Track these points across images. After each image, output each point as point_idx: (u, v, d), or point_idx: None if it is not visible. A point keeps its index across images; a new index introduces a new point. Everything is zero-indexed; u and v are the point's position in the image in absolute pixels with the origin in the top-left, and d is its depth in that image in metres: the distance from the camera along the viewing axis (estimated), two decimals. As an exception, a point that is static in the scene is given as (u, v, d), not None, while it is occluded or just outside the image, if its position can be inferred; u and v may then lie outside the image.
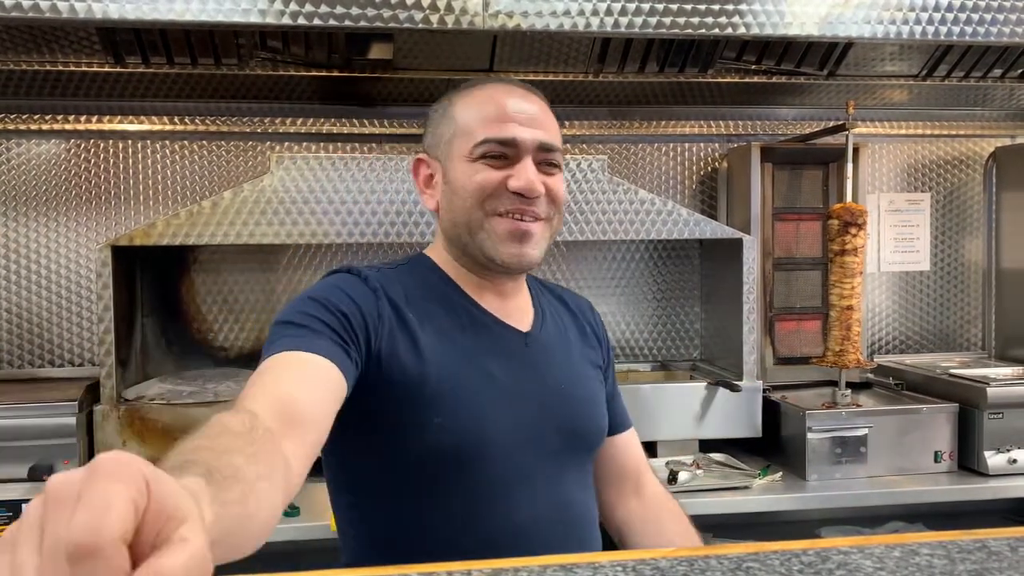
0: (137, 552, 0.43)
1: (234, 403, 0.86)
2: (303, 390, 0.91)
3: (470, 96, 1.17)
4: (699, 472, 2.04)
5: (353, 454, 1.13)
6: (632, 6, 1.81)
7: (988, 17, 1.93)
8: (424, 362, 1.08)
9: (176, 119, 2.39)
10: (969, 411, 2.12)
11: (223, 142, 2.43)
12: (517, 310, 1.22)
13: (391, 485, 1.11)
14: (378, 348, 1.06)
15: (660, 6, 1.81)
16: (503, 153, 1.12)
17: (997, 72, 2.38)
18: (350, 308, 1.05)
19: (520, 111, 1.13)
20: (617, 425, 1.33)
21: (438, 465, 1.08)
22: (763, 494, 1.98)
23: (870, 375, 2.46)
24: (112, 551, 0.41)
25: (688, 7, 1.82)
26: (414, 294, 1.14)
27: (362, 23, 1.73)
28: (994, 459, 2.08)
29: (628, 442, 1.35)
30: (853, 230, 2.15)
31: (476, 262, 1.17)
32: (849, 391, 2.22)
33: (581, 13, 1.80)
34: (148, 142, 2.40)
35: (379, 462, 1.11)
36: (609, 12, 1.81)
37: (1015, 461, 2.08)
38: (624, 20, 1.81)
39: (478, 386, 1.11)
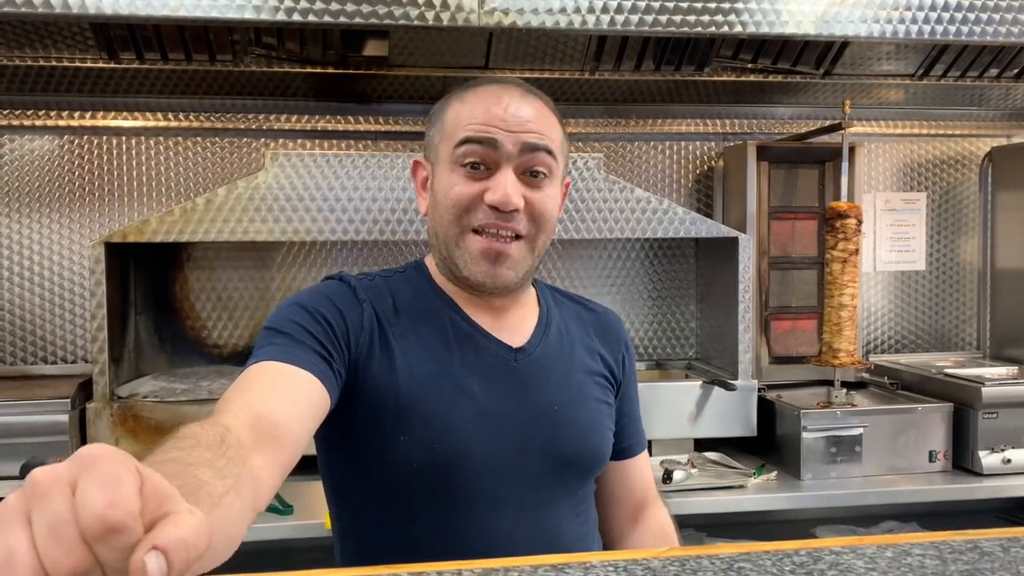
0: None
1: (214, 408, 0.85)
2: (282, 405, 0.89)
3: (462, 97, 1.11)
4: (694, 471, 2.04)
5: (335, 467, 1.12)
6: (628, 4, 1.80)
7: (984, 17, 1.93)
8: (396, 377, 1.05)
9: (170, 115, 2.38)
10: (964, 411, 2.12)
11: (217, 139, 2.42)
12: (513, 323, 1.16)
13: (366, 503, 1.09)
14: (356, 359, 1.04)
15: (656, 4, 1.81)
16: (483, 160, 1.06)
17: (993, 72, 2.38)
18: (335, 317, 1.04)
19: (507, 112, 1.06)
20: (629, 448, 1.25)
21: (407, 485, 1.04)
22: (758, 493, 1.98)
23: (865, 375, 2.46)
24: (135, 524, 0.42)
25: (684, 5, 1.82)
26: (404, 305, 1.11)
27: (357, 20, 1.72)
28: (988, 459, 2.08)
29: (637, 467, 1.27)
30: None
31: (456, 276, 1.12)
32: (844, 390, 2.22)
33: (577, 11, 1.79)
34: (142, 138, 2.39)
35: (355, 478, 1.09)
36: (605, 10, 1.80)
37: (1009, 461, 2.08)
38: (620, 18, 1.81)
39: (451, 404, 1.05)
